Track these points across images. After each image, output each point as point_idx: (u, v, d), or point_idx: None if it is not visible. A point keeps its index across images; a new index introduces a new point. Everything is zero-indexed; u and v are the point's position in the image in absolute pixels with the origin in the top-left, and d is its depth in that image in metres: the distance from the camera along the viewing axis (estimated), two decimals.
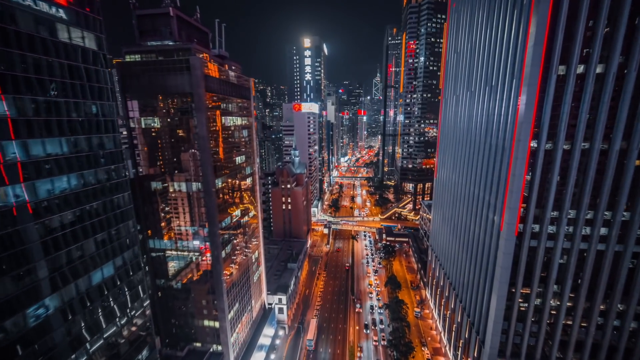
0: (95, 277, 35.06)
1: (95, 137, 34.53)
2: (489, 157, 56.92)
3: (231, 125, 57.67)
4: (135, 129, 48.38)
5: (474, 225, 64.01)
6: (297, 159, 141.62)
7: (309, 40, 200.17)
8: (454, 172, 78.00)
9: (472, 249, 64.64)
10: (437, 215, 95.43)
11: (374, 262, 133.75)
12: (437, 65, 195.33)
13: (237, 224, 61.03)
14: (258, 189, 71.55)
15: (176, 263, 53.73)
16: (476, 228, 62.99)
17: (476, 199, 63.42)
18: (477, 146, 62.80)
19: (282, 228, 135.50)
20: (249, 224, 68.20)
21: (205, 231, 50.98)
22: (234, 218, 59.31)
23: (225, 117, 54.80)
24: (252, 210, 69.50)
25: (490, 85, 56.90)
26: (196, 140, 47.11)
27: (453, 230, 77.88)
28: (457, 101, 76.98)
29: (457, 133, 76.83)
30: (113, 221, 37.34)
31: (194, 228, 51.47)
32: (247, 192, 67.05)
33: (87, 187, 33.97)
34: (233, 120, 58.66)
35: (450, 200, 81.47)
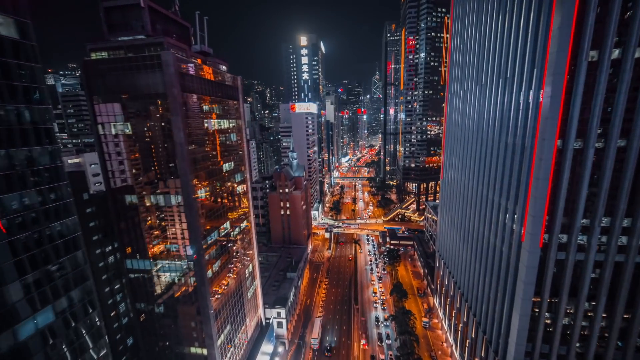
0: (25, 329, 27.97)
1: (20, 151, 27.62)
2: (504, 157, 50.85)
3: (216, 128, 51.89)
4: (105, 136, 42.68)
5: (488, 232, 57.93)
6: (295, 161, 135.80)
7: (305, 39, 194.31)
8: (463, 172, 71.93)
9: (486, 259, 58.57)
10: (444, 219, 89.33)
11: (378, 267, 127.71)
12: (438, 60, 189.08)
13: (226, 237, 55.25)
14: (251, 197, 65.72)
15: (157, 284, 48.04)
16: (490, 235, 56.91)
17: (489, 203, 57.36)
18: (489, 145, 56.71)
19: (281, 234, 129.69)
20: (241, 236, 62.39)
21: (188, 249, 45.30)
22: (222, 231, 53.53)
23: (209, 120, 49.03)
24: (244, 220, 63.69)
25: (504, 77, 50.80)
26: (172, 148, 41.40)
27: (463, 236, 71.80)
28: (464, 96, 70.89)
29: (465, 131, 70.76)
30: (52, 255, 30.94)
31: (175, 246, 45.79)
32: (238, 200, 61.25)
33: (10, 216, 27.04)
34: (218, 123, 52.86)
35: (459, 203, 75.40)
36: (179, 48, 43.72)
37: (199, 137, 46.62)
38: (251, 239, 67.61)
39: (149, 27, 43.22)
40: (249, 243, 66.45)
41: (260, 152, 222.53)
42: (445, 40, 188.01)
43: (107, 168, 43.99)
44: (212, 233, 50.09)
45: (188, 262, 46.02)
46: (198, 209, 45.09)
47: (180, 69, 40.74)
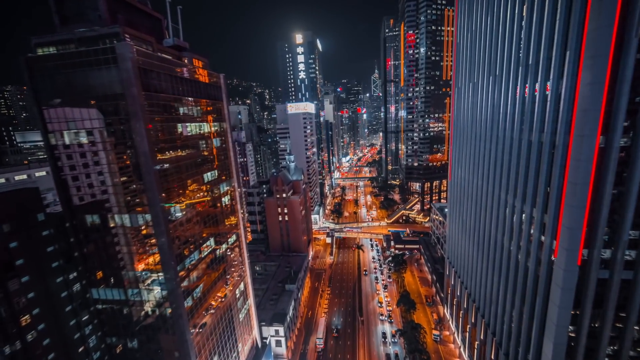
0: None
1: None
2: (527, 157, 43.87)
3: (194, 133, 45.24)
4: (57, 147, 36.16)
5: (508, 243, 50.95)
6: (292, 164, 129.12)
7: (300, 36, 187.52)
8: (474, 173, 64.94)
9: (507, 272, 51.60)
10: (454, 224, 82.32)
11: (383, 274, 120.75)
12: (439, 55, 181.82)
13: (210, 257, 48.62)
14: (240, 208, 58.98)
15: (130, 316, 41.52)
16: (511, 246, 49.93)
17: (509, 210, 50.39)
18: (507, 143, 49.72)
19: (280, 242, 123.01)
20: (230, 253, 55.70)
21: (160, 276, 38.74)
22: (205, 251, 46.93)
23: (184, 124, 42.44)
24: (233, 235, 56.97)
25: (524, 65, 43.80)
26: (135, 159, 34.85)
27: (477, 244, 64.81)
28: (474, 89, 63.91)
29: (476, 127, 63.79)
30: None
31: (146, 272, 39.24)
32: (225, 213, 54.55)
33: None
34: (198, 128, 46.22)
35: (470, 207, 68.44)
36: (142, 40, 37.10)
37: (171, 145, 39.97)
38: (242, 255, 60.93)
39: (107, 16, 36.59)
40: (239, 260, 59.74)
41: (258, 155, 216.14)
42: (446, 33, 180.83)
43: (63, 184, 37.44)
44: (192, 254, 43.51)
45: (162, 291, 39.44)
46: (170, 229, 38.46)
47: (142, 64, 34.13)
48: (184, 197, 42.32)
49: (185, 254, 41.60)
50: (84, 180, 36.72)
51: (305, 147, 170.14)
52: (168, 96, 39.26)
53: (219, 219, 51.86)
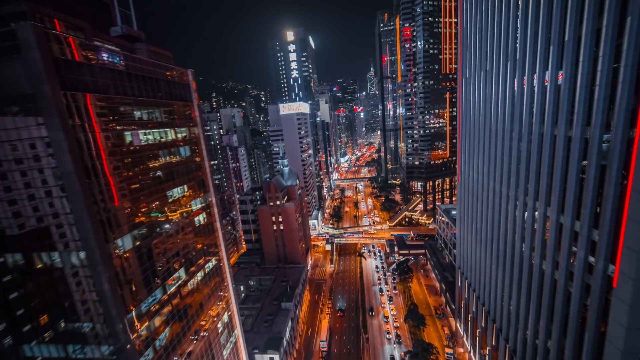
0: None
1: None
2: (565, 157, 35.41)
3: (151, 143, 36.67)
4: None
5: (539, 260, 42.40)
6: (286, 168, 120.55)
7: (292, 33, 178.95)
8: (490, 175, 56.48)
9: (540, 297, 43.09)
10: (465, 231, 73.84)
11: (388, 284, 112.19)
12: (438, 47, 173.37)
13: (180, 292, 40.05)
14: (219, 227, 50.38)
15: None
16: (546, 266, 41.41)
17: (539, 220, 41.97)
18: (534, 140, 41.19)
19: (276, 253, 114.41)
20: (207, 282, 47.08)
21: (106, 328, 30.21)
22: (171, 284, 38.36)
23: (135, 132, 33.88)
24: (211, 260, 48.37)
25: (558, 44, 35.26)
26: (56, 180, 26.38)
27: (496, 257, 56.30)
28: (486, 79, 55.45)
29: (490, 122, 55.36)
30: None
31: (89, 324, 30.79)
32: (199, 235, 45.95)
33: None
34: (156, 136, 37.64)
35: (485, 214, 60.00)
36: (68, 25, 28.50)
37: (116, 159, 31.39)
38: (224, 281, 52.26)
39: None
40: (221, 287, 51.06)
41: (252, 159, 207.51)
42: (444, 25, 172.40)
43: None
44: (154, 294, 34.94)
45: (110, 347, 30.95)
46: (117, 267, 29.92)
47: (60, 54, 25.62)
48: (139, 223, 33.77)
49: (141, 296, 33.11)
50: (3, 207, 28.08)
51: (300, 149, 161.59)
52: (109, 97, 30.69)
53: (191, 243, 43.32)
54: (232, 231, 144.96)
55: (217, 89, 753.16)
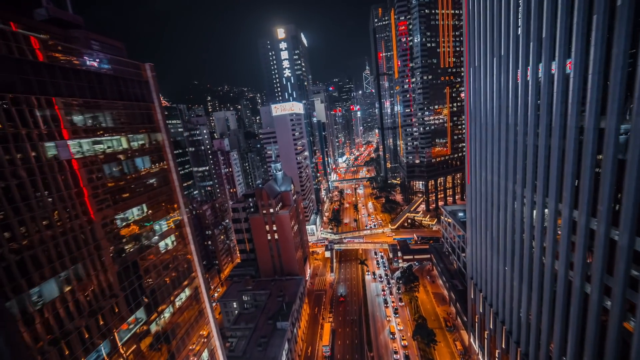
0: None
1: None
2: (613, 157, 27.82)
3: (92, 155, 28.96)
4: None
5: (581, 281, 34.75)
6: (279, 173, 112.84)
7: (282, 30, 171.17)
8: (508, 177, 48.92)
9: (577, 319, 35.48)
10: (477, 238, 66.27)
11: (392, 294, 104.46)
12: (435, 41, 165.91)
13: (137, 338, 32.25)
14: (194, 249, 42.59)
15: None
16: (574, 277, 33.82)
17: (565, 225, 34.52)
18: (569, 135, 33.60)
19: (271, 264, 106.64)
20: (178, 320, 39.22)
21: None
22: (124, 333, 30.57)
23: (64, 143, 26.20)
24: (184, 289, 40.55)
25: (603, 12, 27.67)
26: None
27: (517, 269, 48.70)
28: (500, 66, 47.93)
29: (504, 116, 47.86)
30: None
31: None
32: (167, 263, 38.17)
33: None
34: (107, 145, 29.96)
35: (503, 220, 52.47)
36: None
37: (31, 179, 23.67)
38: (203, 312, 44.40)
39: None
40: (198, 321, 43.20)
41: (246, 163, 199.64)
42: (441, 17, 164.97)
43: None
44: (98, 349, 27.21)
45: None
46: (36, 324, 22.22)
47: None
48: (72, 259, 26.06)
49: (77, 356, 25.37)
50: None
51: (295, 151, 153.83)
52: (16, 96, 22.97)
53: (154, 276, 35.54)
54: (225, 241, 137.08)
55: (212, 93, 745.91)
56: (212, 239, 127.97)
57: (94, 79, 29.25)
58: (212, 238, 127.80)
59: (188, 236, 41.87)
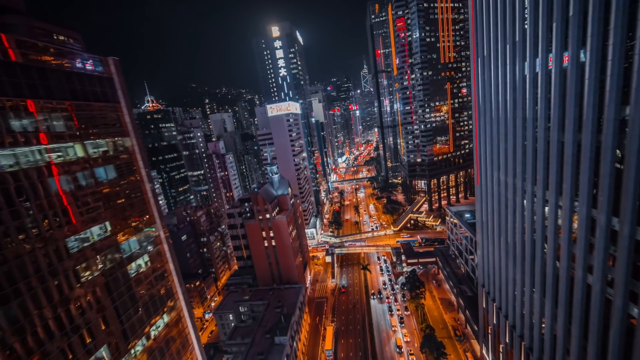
0: None
1: None
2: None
3: (41, 164, 23.84)
4: None
5: (622, 300, 29.58)
6: (276, 176, 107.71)
7: (277, 28, 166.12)
8: (528, 179, 43.77)
9: (628, 343, 30.34)
10: (488, 243, 61.06)
11: (397, 302, 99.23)
12: (435, 35, 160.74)
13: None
14: (173, 269, 37.48)
15: None
16: (616, 298, 28.66)
17: (600, 232, 29.42)
18: (609, 130, 28.45)
19: (269, 272, 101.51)
20: (155, 353, 34.07)
21: None
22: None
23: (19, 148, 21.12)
24: (160, 318, 35.38)
25: None
26: None
27: (538, 280, 43.52)
28: (514, 54, 42.79)
29: (520, 110, 42.73)
30: None
31: None
32: (141, 288, 33.06)
33: None
34: (55, 154, 24.87)
35: (520, 224, 47.35)
36: None
37: None
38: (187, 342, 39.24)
39: None
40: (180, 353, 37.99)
41: (243, 166, 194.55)
42: (440, 10, 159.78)
43: None
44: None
45: None
46: None
47: None
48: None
49: None
50: None
51: (292, 152, 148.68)
52: None
53: (122, 304, 30.42)
54: (222, 247, 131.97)
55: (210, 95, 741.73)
56: (208, 246, 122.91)
57: (35, 74, 24.20)
58: (208, 245, 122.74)
59: (166, 254, 36.80)
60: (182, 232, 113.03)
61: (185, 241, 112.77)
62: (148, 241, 34.65)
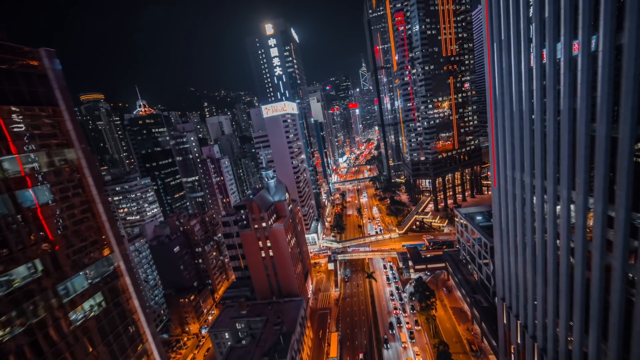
0: None
1: None
2: None
3: None
4: None
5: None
6: (272, 181, 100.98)
7: (270, 26, 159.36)
8: (562, 183, 36.82)
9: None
10: (510, 254, 54.07)
11: (406, 312, 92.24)
12: (436, 27, 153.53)
13: None
14: (140, 308, 30.74)
15: None
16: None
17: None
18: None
19: (267, 284, 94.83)
20: None
21: None
22: None
23: None
24: None
25: None
26: None
27: (584, 307, 36.47)
28: (541, 37, 35.84)
29: (551, 102, 35.79)
30: None
31: None
32: (93, 340, 26.35)
33: None
34: None
35: (551, 236, 40.34)
36: None
37: None
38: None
39: None
40: None
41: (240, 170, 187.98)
42: (440, 1, 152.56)
43: None
44: None
45: None
46: None
47: None
48: None
49: None
50: None
51: (290, 155, 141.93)
52: None
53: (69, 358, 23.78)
54: (218, 257, 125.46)
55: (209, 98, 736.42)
56: (203, 256, 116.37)
57: None
58: (203, 255, 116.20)
59: (129, 289, 30.16)
60: (175, 243, 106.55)
61: (178, 252, 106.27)
62: (102, 276, 28.04)
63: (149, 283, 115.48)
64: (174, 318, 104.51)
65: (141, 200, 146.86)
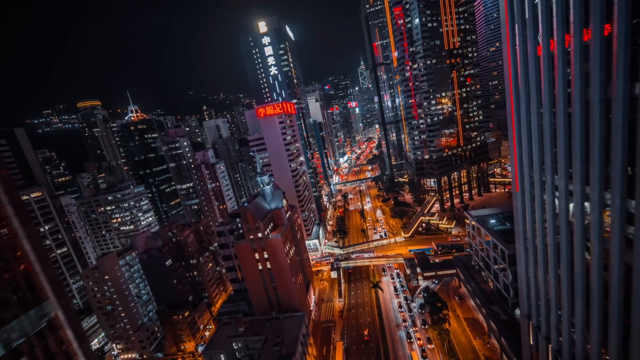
0: None
1: None
2: None
3: None
4: None
5: None
6: (268, 187, 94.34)
7: (264, 24, 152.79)
8: (613, 190, 29.97)
9: None
10: (537, 267, 47.17)
11: (417, 326, 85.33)
12: (437, 19, 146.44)
13: None
14: None
15: None
16: None
17: None
18: None
19: (266, 299, 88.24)
20: None
21: None
22: None
23: None
24: None
25: None
26: None
27: None
28: (580, 13, 29.00)
29: (595, 92, 28.94)
30: None
31: None
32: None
33: None
34: None
35: (596, 251, 33.45)
36: None
37: None
38: None
39: None
40: None
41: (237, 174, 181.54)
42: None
43: None
44: None
45: None
46: None
47: None
48: None
49: None
50: None
51: (288, 157, 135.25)
52: None
53: None
54: (215, 268, 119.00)
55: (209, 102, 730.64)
56: (199, 268, 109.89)
57: None
58: (198, 268, 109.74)
59: (72, 344, 23.57)
60: (167, 256, 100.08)
61: (170, 266, 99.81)
62: (32, 331, 21.36)
63: (141, 298, 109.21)
64: (168, 336, 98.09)
65: (135, 209, 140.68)
